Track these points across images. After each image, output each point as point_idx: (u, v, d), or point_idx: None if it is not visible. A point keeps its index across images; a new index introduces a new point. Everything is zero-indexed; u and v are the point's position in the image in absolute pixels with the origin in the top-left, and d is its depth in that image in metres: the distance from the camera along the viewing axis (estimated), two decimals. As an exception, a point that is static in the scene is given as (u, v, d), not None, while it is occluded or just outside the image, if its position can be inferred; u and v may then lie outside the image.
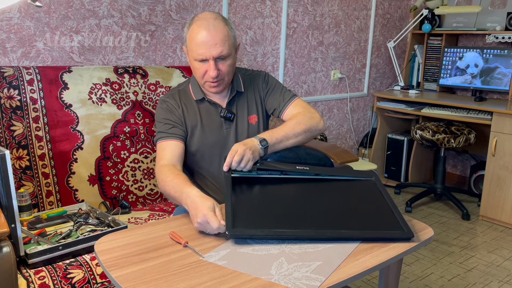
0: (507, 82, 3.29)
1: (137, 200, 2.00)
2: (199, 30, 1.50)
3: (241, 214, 1.23)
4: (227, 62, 1.55)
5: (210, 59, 1.50)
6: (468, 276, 2.39)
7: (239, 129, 1.67)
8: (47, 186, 1.80)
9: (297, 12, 3.12)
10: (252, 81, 1.73)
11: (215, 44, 1.49)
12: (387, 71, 3.96)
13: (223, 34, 1.50)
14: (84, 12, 2.18)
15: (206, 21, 1.50)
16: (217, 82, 1.57)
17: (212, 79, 1.54)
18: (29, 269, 1.37)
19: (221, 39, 1.49)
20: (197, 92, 1.65)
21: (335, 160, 1.96)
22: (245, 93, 1.70)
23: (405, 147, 3.69)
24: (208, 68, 1.52)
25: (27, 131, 1.78)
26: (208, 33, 1.48)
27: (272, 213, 1.25)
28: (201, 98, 1.64)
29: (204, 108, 1.65)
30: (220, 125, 1.65)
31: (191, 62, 1.57)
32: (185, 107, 1.64)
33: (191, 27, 1.53)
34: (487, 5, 3.45)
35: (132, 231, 1.25)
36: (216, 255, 1.12)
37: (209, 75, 1.53)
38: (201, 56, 1.51)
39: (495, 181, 3.01)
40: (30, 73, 1.84)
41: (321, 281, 1.02)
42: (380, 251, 1.17)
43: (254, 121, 1.70)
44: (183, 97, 1.66)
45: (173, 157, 1.53)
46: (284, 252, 1.15)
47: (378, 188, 1.44)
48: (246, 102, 1.70)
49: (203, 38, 1.49)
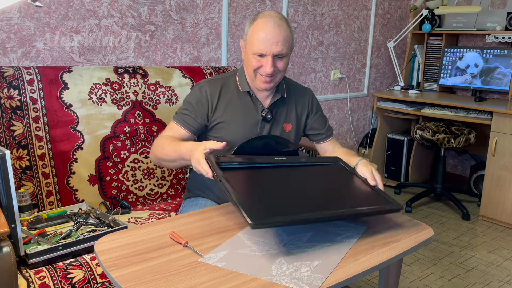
0: (507, 82, 3.29)
1: (137, 200, 2.00)
2: (264, 26, 1.53)
3: (252, 205, 1.17)
4: (283, 61, 1.58)
5: (269, 55, 1.54)
6: (468, 276, 2.39)
7: (273, 132, 1.69)
8: (47, 186, 1.81)
9: (297, 12, 3.12)
10: (297, 92, 1.77)
11: (277, 42, 1.53)
12: (387, 71, 3.96)
13: (286, 34, 1.55)
14: (84, 12, 2.18)
15: (272, 18, 1.54)
16: (270, 78, 1.59)
17: (266, 75, 1.57)
18: (29, 269, 1.37)
19: (283, 38, 1.54)
20: (244, 84, 1.67)
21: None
22: (287, 100, 1.73)
23: (405, 147, 3.69)
24: (264, 63, 1.55)
25: (27, 131, 1.78)
26: (273, 30, 1.52)
27: (278, 201, 1.22)
28: (248, 91, 1.66)
29: (245, 102, 1.67)
30: (257, 122, 1.67)
31: (247, 55, 1.60)
32: (223, 97, 1.65)
33: (255, 22, 1.57)
34: (487, 5, 3.45)
35: (132, 231, 1.25)
36: (214, 257, 1.12)
37: (264, 70, 1.56)
38: (261, 51, 1.54)
39: (495, 181, 3.01)
40: (30, 73, 1.84)
41: (322, 280, 1.02)
42: (380, 251, 1.17)
43: (288, 129, 1.73)
44: (227, 86, 1.67)
45: (176, 137, 1.61)
46: (282, 252, 1.15)
47: (349, 170, 1.53)
48: (286, 108, 1.72)
49: (267, 34, 1.52)
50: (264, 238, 1.22)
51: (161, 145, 1.54)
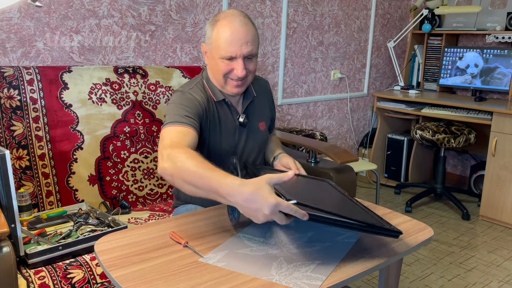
0: (507, 82, 3.29)
1: (137, 200, 2.00)
2: (230, 26, 1.42)
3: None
4: (253, 62, 1.49)
5: (239, 57, 1.43)
6: (468, 276, 2.39)
7: (250, 136, 1.62)
8: (47, 186, 1.81)
9: (297, 12, 3.12)
10: (260, 87, 1.68)
11: (246, 42, 1.42)
12: (387, 71, 3.96)
13: (254, 32, 1.45)
14: (84, 12, 2.18)
15: (237, 17, 1.43)
16: (242, 82, 1.49)
17: (238, 78, 1.47)
18: (29, 269, 1.37)
19: (252, 37, 1.44)
20: (217, 93, 1.54)
21: (335, 160, 1.96)
22: (256, 98, 1.65)
23: (405, 147, 3.69)
24: (235, 67, 1.45)
25: (27, 131, 1.78)
26: (240, 30, 1.42)
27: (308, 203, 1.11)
28: (222, 99, 1.54)
29: (222, 111, 1.56)
30: (235, 129, 1.58)
31: (213, 60, 1.48)
32: (207, 105, 1.51)
33: (219, 23, 1.44)
34: (487, 5, 3.45)
35: (132, 231, 1.25)
36: (214, 257, 1.11)
37: (236, 74, 1.45)
38: (230, 54, 1.42)
39: (495, 181, 3.01)
40: (30, 73, 1.84)
41: (322, 280, 1.02)
42: (380, 251, 1.17)
43: (263, 128, 1.65)
44: (204, 95, 1.53)
45: (187, 142, 1.31)
46: (282, 252, 1.15)
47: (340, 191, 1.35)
48: (257, 108, 1.65)
49: (235, 34, 1.41)
50: (264, 238, 1.22)
51: (180, 163, 1.16)
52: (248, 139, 1.61)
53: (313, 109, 3.40)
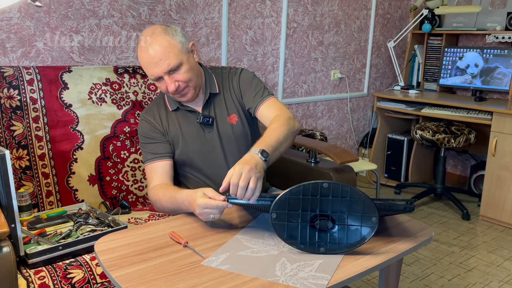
0: (507, 82, 3.29)
1: (137, 200, 2.00)
2: (141, 52, 1.49)
3: None
4: (182, 70, 1.50)
5: (164, 75, 1.48)
6: (468, 276, 2.39)
7: (222, 131, 1.64)
8: (47, 186, 1.80)
9: (297, 12, 3.12)
10: (227, 80, 1.69)
11: (159, 60, 1.45)
12: (387, 71, 3.96)
13: (163, 47, 1.46)
14: (84, 12, 2.18)
15: (147, 37, 1.48)
16: (183, 92, 1.54)
17: (174, 92, 1.52)
18: (29, 269, 1.37)
19: (162, 53, 1.45)
20: (172, 102, 1.64)
21: (335, 160, 1.96)
22: (221, 93, 1.67)
23: (405, 147, 3.69)
24: (166, 84, 1.50)
25: (27, 131, 1.78)
26: (149, 53, 1.46)
27: None
28: (176, 108, 1.64)
29: (182, 117, 1.64)
30: (200, 131, 1.63)
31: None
32: (165, 119, 1.64)
33: (138, 47, 1.52)
34: (487, 5, 3.45)
35: (132, 231, 1.25)
36: (216, 260, 1.11)
37: (169, 91, 1.51)
38: (153, 76, 1.50)
39: (495, 181, 3.01)
40: (30, 73, 1.84)
41: (327, 279, 1.02)
42: (380, 251, 1.17)
43: (235, 121, 1.66)
44: (161, 110, 1.66)
45: (163, 177, 1.57)
46: (283, 252, 1.15)
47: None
48: (223, 102, 1.66)
49: (147, 59, 1.47)
50: (263, 239, 1.22)
51: (157, 200, 1.49)
52: (222, 135, 1.64)
53: (313, 109, 3.40)
